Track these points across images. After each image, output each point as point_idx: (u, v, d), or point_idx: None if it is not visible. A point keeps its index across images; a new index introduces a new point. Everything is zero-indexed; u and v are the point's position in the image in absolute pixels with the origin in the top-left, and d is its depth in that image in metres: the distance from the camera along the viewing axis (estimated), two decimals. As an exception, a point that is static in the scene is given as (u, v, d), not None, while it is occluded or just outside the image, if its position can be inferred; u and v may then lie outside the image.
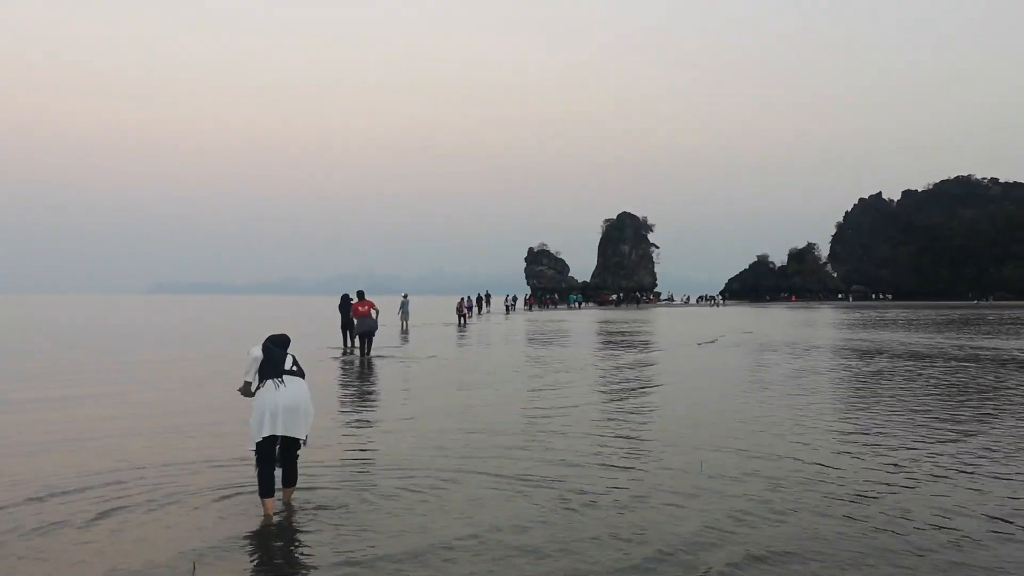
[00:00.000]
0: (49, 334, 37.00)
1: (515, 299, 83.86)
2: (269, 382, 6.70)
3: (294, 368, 6.91)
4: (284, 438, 6.75)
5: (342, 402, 14.20)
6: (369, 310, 22.80)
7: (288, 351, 7.08)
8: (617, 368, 20.21)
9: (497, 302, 79.69)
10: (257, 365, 6.83)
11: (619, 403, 13.75)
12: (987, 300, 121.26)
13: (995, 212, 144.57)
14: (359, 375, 18.75)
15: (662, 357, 23.88)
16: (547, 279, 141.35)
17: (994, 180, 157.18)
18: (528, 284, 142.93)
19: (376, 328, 22.90)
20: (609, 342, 31.29)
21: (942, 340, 30.78)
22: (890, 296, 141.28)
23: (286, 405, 6.61)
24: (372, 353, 22.72)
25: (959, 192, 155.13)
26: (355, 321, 23.04)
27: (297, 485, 7.18)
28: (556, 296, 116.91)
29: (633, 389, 15.87)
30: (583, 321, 54.02)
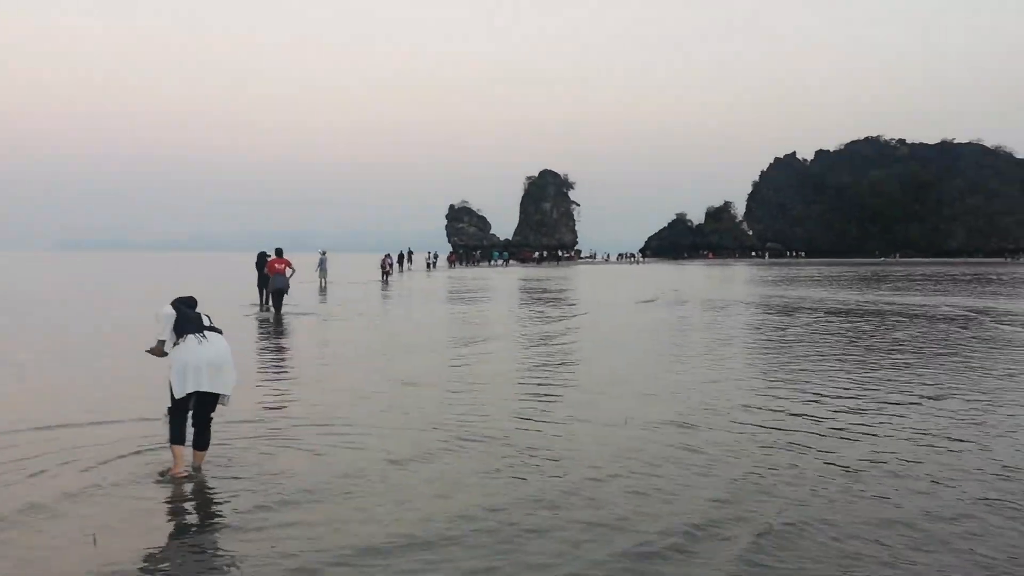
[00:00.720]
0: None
1: (436, 256, 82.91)
2: (191, 337, 6.33)
3: (213, 326, 6.62)
4: (200, 397, 6.39)
5: (259, 358, 13.35)
6: (284, 268, 22.27)
7: (198, 311, 6.73)
8: (546, 329, 19.60)
9: (419, 259, 78.52)
10: (171, 323, 6.40)
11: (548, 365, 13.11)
12: (894, 257, 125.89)
13: (902, 172, 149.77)
14: (274, 332, 18.29)
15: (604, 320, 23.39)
16: (469, 236, 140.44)
17: (901, 141, 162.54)
18: (449, 241, 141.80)
19: (288, 287, 22.42)
20: (539, 300, 30.74)
21: (870, 297, 31.31)
22: (803, 253, 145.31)
23: (210, 360, 6.29)
24: (284, 311, 22.08)
25: (869, 153, 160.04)
26: (270, 279, 22.48)
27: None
28: (477, 254, 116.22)
29: (553, 343, 15.28)
30: (507, 279, 53.50)
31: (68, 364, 13.03)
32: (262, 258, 24.37)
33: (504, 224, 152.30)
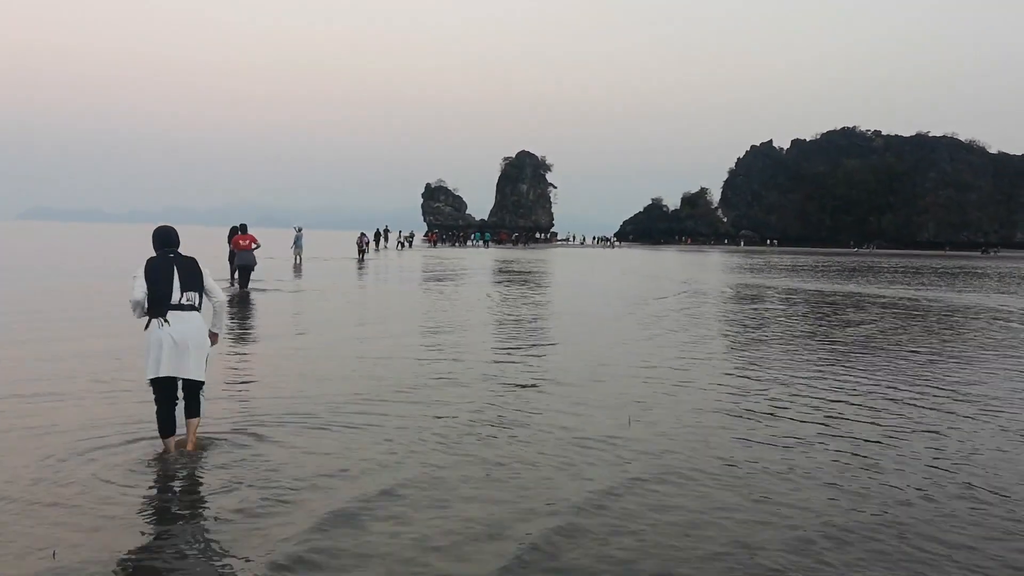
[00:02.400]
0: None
1: (412, 236, 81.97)
2: (153, 322, 6.10)
3: (183, 301, 6.20)
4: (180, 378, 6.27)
5: (228, 335, 13.03)
6: (250, 244, 22.40)
7: (176, 253, 6.34)
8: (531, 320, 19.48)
9: (395, 238, 77.72)
10: (141, 284, 6.08)
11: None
12: (868, 248, 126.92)
13: (876, 163, 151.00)
14: (240, 307, 18.11)
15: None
16: (444, 216, 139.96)
17: (877, 132, 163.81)
18: (425, 220, 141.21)
19: (255, 263, 22.54)
20: (523, 282, 30.62)
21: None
22: (775, 241, 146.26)
23: (171, 345, 6.06)
24: (249, 287, 22.06)
25: (844, 143, 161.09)
26: (235, 254, 22.64)
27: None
28: (462, 234, 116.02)
29: (534, 330, 15.17)
30: (487, 260, 53.33)
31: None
32: (234, 232, 24.11)
33: (480, 204, 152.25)
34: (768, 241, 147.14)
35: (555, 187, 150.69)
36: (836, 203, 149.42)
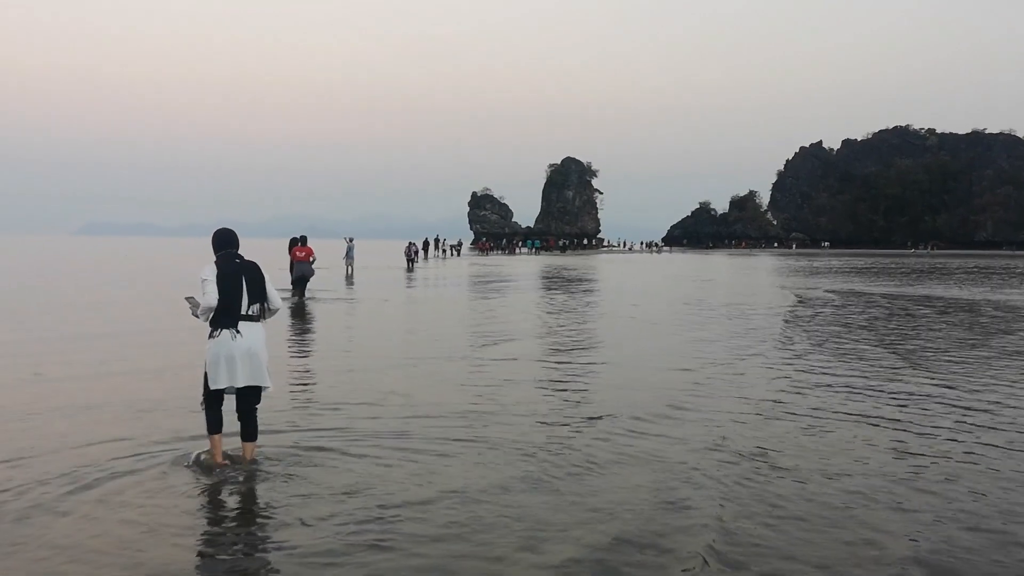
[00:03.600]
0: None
1: (460, 244, 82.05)
2: (225, 332, 6.14)
3: (250, 312, 6.28)
4: (239, 389, 6.29)
5: (289, 345, 13.10)
6: (307, 255, 23.08)
7: (240, 258, 6.40)
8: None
9: (442, 246, 77.80)
10: (214, 290, 6.11)
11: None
12: (926, 249, 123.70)
13: (930, 162, 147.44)
14: (300, 317, 18.28)
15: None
16: (491, 224, 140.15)
17: (931, 131, 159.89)
18: (471, 228, 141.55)
19: (311, 274, 23.21)
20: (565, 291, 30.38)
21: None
22: (828, 244, 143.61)
23: (244, 356, 6.15)
24: (307, 296, 22.65)
25: (896, 142, 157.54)
26: (293, 265, 23.36)
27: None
28: (517, 241, 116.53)
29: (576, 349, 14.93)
30: (535, 268, 53.20)
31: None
32: (293, 244, 24.74)
33: (526, 211, 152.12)
34: (823, 243, 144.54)
35: (601, 192, 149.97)
36: (889, 203, 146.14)
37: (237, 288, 6.18)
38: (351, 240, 37.54)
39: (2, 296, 24.41)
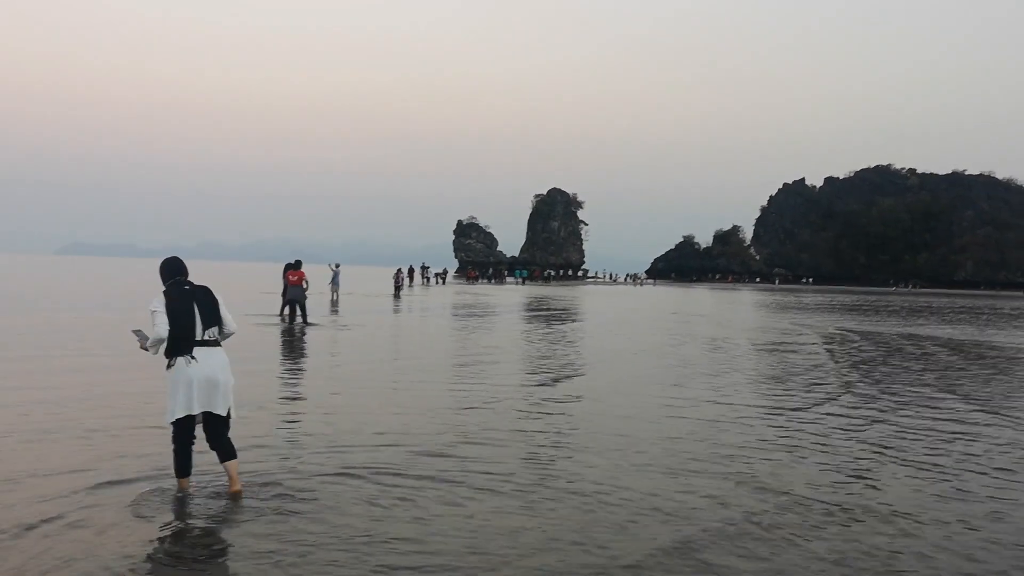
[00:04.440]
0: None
1: (445, 272, 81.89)
2: (180, 360, 6.01)
3: (206, 337, 6.13)
4: (207, 415, 6.15)
5: (280, 373, 12.88)
6: (300, 280, 23.76)
7: (190, 283, 6.27)
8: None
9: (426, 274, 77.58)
10: (164, 320, 5.96)
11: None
12: (907, 287, 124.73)
13: (912, 202, 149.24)
14: (294, 340, 18.73)
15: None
16: (476, 252, 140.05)
17: (912, 170, 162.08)
18: (456, 257, 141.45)
19: (304, 297, 23.83)
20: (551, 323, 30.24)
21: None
22: (810, 280, 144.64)
23: (201, 382, 6.00)
24: (309, 320, 23.49)
25: (878, 181, 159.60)
26: (287, 289, 24.17)
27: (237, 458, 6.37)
28: (504, 271, 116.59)
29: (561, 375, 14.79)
30: (522, 298, 53.09)
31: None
32: (287, 268, 25.17)
33: (512, 241, 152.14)
34: (805, 280, 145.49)
35: (586, 224, 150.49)
36: (871, 241, 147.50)
37: (189, 314, 6.06)
38: (337, 266, 37.37)
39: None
